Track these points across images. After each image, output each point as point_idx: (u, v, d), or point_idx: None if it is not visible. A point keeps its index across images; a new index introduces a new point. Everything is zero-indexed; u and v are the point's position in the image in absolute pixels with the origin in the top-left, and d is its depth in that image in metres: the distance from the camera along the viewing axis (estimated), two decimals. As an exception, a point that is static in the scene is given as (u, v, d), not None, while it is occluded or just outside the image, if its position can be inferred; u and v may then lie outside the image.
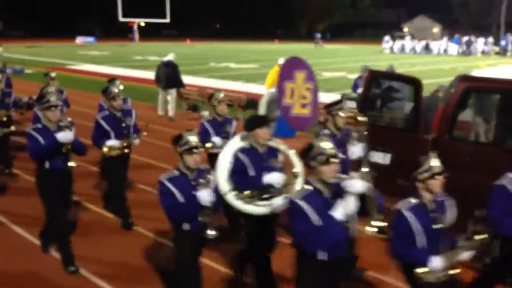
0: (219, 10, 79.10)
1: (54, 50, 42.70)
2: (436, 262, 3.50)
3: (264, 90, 12.90)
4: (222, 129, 6.32)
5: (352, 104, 11.70)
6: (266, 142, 4.73)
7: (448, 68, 28.82)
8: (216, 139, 6.14)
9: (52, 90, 6.33)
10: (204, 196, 3.89)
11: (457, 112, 5.76)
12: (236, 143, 4.88)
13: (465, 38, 44.04)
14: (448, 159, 5.68)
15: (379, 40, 51.52)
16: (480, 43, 43.17)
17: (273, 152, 4.80)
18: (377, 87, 7.50)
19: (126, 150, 6.33)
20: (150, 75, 25.17)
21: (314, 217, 3.38)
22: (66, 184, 5.48)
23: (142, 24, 63.67)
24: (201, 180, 3.96)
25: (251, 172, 4.63)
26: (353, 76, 22.26)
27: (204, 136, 6.11)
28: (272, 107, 11.72)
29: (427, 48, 45.92)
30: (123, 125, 6.31)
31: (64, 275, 5.31)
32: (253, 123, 4.70)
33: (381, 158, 6.22)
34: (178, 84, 14.16)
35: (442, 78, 19.13)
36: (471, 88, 5.79)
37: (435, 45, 46.04)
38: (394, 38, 49.39)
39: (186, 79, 22.31)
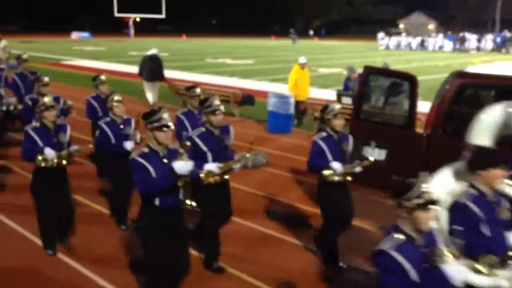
0: (215, 5, 78.95)
1: (49, 46, 42.53)
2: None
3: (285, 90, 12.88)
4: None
5: (348, 101, 11.77)
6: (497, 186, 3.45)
7: (443, 64, 28.89)
8: (337, 165, 4.99)
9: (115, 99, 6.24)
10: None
11: (452, 108, 5.79)
12: (450, 182, 3.77)
13: (460, 35, 44.18)
14: (443, 155, 5.73)
15: (375, 37, 51.55)
16: (474, 40, 43.25)
17: (500, 197, 3.51)
18: (372, 83, 7.52)
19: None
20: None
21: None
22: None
23: (138, 19, 63.46)
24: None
25: (485, 231, 3.34)
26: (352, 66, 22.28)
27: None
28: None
29: (422, 44, 46.02)
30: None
31: (56, 267, 5.31)
32: (486, 159, 3.42)
33: (376, 154, 6.25)
34: (162, 76, 14.68)
35: (438, 74, 19.19)
36: (466, 85, 5.82)
37: (430, 42, 46.14)
38: (389, 35, 49.45)
39: (182, 75, 22.36)
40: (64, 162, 5.42)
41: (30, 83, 9.31)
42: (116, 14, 59.63)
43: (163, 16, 62.81)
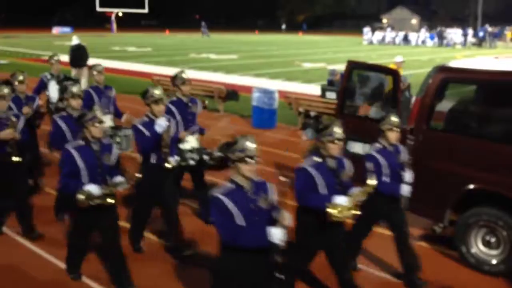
0: (198, 0, 78.48)
1: (29, 41, 41.86)
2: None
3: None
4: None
5: (333, 96, 11.80)
6: None
7: (426, 59, 29.12)
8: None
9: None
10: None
11: (435, 102, 5.82)
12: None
13: (438, 29, 44.62)
14: (426, 149, 5.77)
15: (359, 31, 51.79)
16: (457, 34, 43.66)
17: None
18: (356, 78, 7.53)
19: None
20: (129, 66, 25.08)
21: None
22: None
23: (120, 14, 62.82)
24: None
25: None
26: (333, 67, 22.37)
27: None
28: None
29: (405, 39, 46.34)
30: None
31: (41, 269, 5.24)
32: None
33: (360, 148, 6.27)
34: (85, 62, 16.08)
35: (420, 69, 19.32)
36: (448, 79, 5.85)
37: (413, 37, 46.48)
38: (373, 29, 49.71)
39: (166, 70, 22.17)
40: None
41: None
42: (98, 9, 58.99)
43: (146, 10, 62.28)
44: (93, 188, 4.38)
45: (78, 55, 15.87)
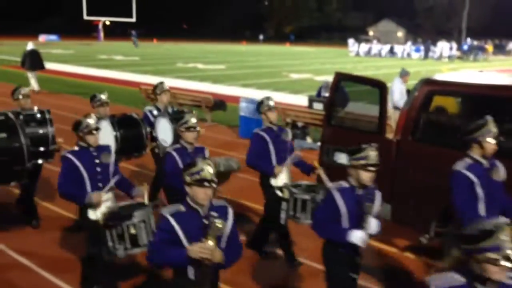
0: (186, 10, 78.64)
1: (15, 48, 41.47)
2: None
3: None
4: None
5: (319, 107, 11.88)
6: None
7: (412, 71, 29.33)
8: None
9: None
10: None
11: (420, 114, 5.90)
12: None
13: (420, 41, 45.20)
14: (411, 161, 5.83)
15: (345, 43, 52.24)
16: (440, 48, 44.23)
17: None
18: (343, 89, 7.60)
19: None
20: (115, 74, 24.98)
21: None
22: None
23: (108, 22, 62.66)
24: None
25: None
26: (320, 78, 22.53)
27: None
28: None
29: (391, 51, 46.89)
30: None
31: (22, 275, 5.19)
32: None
33: (346, 159, 6.30)
34: (42, 66, 18.31)
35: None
36: (434, 92, 5.93)
37: (399, 49, 47.06)
38: (359, 41, 50.22)
39: (153, 79, 22.12)
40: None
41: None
42: (86, 17, 58.78)
43: (133, 19, 62.20)
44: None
45: (32, 60, 17.78)
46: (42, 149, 6.07)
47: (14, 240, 5.99)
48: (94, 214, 4.47)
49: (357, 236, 3.61)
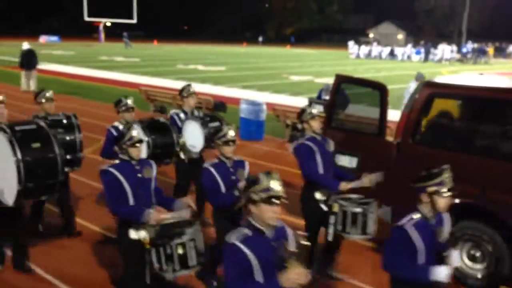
0: (186, 11, 78.71)
1: (15, 49, 41.49)
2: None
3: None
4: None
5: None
6: None
7: (412, 74, 29.37)
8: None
9: None
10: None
11: (421, 117, 5.90)
12: None
13: (421, 43, 45.10)
14: (411, 163, 5.82)
15: (345, 45, 52.27)
16: (440, 50, 44.23)
17: None
18: (344, 91, 7.60)
19: None
20: (116, 76, 25.00)
21: None
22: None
23: (108, 24, 62.69)
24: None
25: None
26: (320, 80, 22.55)
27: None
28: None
29: (391, 54, 46.90)
30: None
31: (20, 276, 5.17)
32: None
33: (348, 161, 6.30)
34: (35, 65, 18.55)
35: (406, 83, 19.50)
36: (434, 94, 5.94)
37: (399, 51, 47.08)
38: (359, 44, 50.25)
39: (153, 81, 22.14)
40: None
41: None
42: (86, 18, 58.82)
43: (134, 21, 62.24)
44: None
45: (29, 59, 18.07)
46: (68, 157, 5.56)
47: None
48: (137, 234, 4.06)
49: (442, 274, 3.23)
